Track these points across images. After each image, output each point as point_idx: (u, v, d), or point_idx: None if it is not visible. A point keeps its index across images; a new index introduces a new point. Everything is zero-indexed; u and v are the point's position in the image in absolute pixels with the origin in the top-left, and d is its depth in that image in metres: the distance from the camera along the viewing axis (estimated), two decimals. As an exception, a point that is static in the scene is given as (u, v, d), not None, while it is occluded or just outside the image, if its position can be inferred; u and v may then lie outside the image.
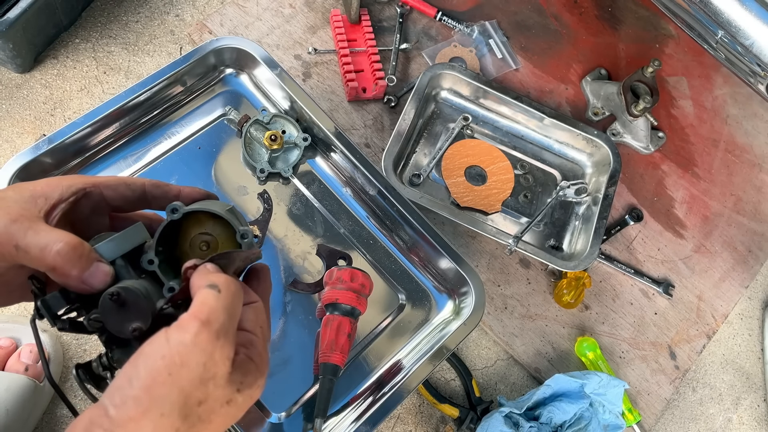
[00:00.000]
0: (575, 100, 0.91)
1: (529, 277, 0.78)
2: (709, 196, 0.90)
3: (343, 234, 0.69)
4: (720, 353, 0.87)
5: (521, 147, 0.84)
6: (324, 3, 0.87)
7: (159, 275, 0.38)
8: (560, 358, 0.76)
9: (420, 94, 0.78)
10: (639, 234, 0.85)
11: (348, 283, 0.61)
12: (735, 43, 0.67)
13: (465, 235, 0.78)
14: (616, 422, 0.67)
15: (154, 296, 0.36)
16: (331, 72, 0.82)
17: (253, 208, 0.68)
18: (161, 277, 0.38)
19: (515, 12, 0.94)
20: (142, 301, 0.35)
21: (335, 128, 0.68)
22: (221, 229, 0.42)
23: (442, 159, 0.79)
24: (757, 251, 0.89)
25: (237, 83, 0.73)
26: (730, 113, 0.97)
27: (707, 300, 0.84)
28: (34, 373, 0.59)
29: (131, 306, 0.34)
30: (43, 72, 0.77)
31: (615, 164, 0.81)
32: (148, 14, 0.83)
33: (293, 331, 0.64)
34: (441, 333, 0.65)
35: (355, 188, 0.71)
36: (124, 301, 0.34)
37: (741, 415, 0.84)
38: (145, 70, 0.80)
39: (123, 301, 0.34)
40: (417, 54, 0.87)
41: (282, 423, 0.60)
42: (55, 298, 0.35)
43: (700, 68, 0.98)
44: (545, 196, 0.81)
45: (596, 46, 0.95)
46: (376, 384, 0.63)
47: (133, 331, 0.34)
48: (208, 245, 0.41)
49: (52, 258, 0.33)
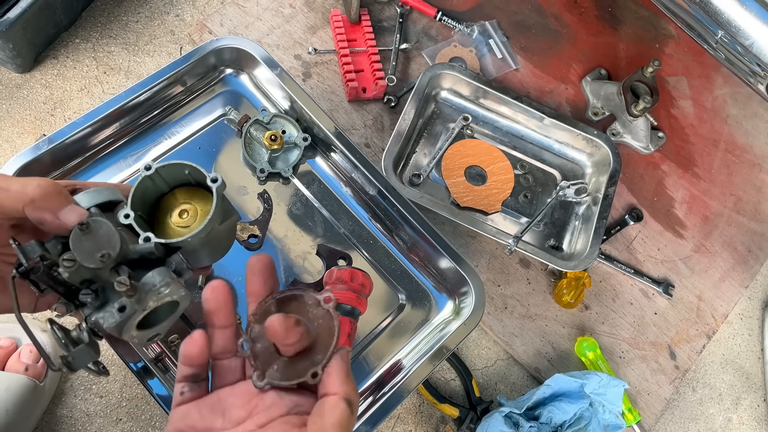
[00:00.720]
0: (575, 100, 0.91)
1: (529, 277, 0.78)
2: (709, 196, 0.90)
3: (343, 234, 0.69)
4: (720, 353, 0.87)
5: (521, 147, 0.84)
6: (324, 3, 0.87)
7: (135, 227, 0.39)
8: (560, 358, 0.76)
9: (420, 94, 0.78)
10: (639, 234, 0.85)
11: (348, 283, 0.61)
12: (735, 43, 0.67)
13: (465, 235, 0.78)
14: (616, 422, 0.67)
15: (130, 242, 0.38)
16: (331, 72, 0.82)
17: (253, 208, 0.68)
18: (137, 229, 0.39)
19: (515, 12, 0.94)
20: (111, 230, 0.36)
21: (335, 128, 0.68)
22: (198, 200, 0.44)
23: (442, 159, 0.79)
24: (757, 251, 0.89)
25: (237, 83, 0.73)
26: (730, 113, 0.97)
27: (707, 300, 0.84)
28: (34, 373, 0.59)
29: (101, 235, 0.36)
30: (43, 72, 0.77)
31: (615, 164, 0.81)
32: (148, 14, 0.83)
33: (293, 331, 0.64)
34: (441, 333, 0.65)
35: (355, 188, 0.71)
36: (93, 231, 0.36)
37: (741, 415, 0.84)
38: (145, 70, 0.80)
39: (92, 230, 0.36)
40: (417, 54, 0.87)
41: (282, 423, 0.60)
42: (32, 245, 0.36)
43: (700, 68, 0.98)
44: (545, 196, 0.81)
45: (596, 46, 0.95)
46: (376, 384, 0.63)
47: (102, 257, 0.35)
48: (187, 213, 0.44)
49: (32, 190, 0.35)
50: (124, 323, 0.37)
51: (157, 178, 0.42)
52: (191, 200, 0.45)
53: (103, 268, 0.36)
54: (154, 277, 0.38)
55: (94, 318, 0.37)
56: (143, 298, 0.37)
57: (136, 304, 0.37)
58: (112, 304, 0.36)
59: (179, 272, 0.40)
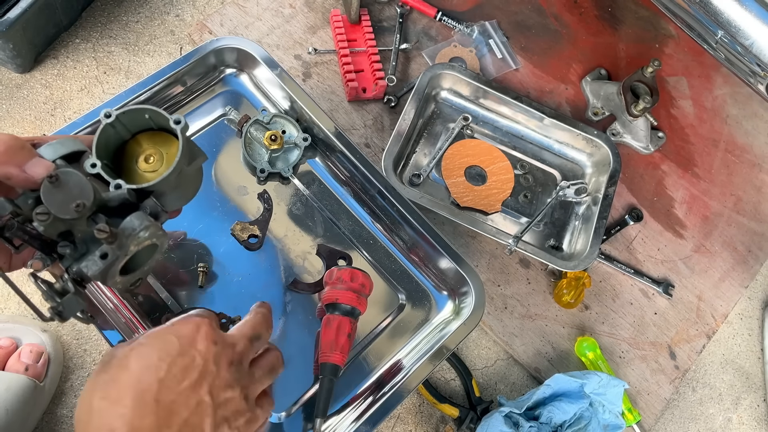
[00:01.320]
0: (575, 100, 0.91)
1: (529, 277, 0.78)
2: (709, 196, 0.90)
3: (343, 234, 0.69)
4: (720, 353, 0.87)
5: (521, 147, 0.84)
6: (324, 3, 0.87)
7: (103, 175, 0.39)
8: (560, 358, 0.76)
9: (420, 94, 0.78)
10: (639, 234, 0.85)
11: (348, 283, 0.61)
12: (735, 43, 0.67)
13: (465, 235, 0.78)
14: (615, 422, 0.67)
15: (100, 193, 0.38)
16: (331, 72, 0.82)
17: (253, 208, 0.68)
18: (106, 177, 0.39)
19: (515, 12, 0.94)
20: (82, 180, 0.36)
21: (335, 128, 0.68)
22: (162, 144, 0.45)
23: (442, 159, 0.79)
24: (757, 251, 0.89)
25: (237, 83, 0.73)
26: (730, 113, 0.97)
27: (707, 300, 0.84)
28: (34, 373, 0.59)
29: (72, 186, 0.36)
30: (43, 72, 0.77)
31: (615, 164, 0.81)
32: (148, 14, 0.83)
33: (293, 331, 0.64)
34: (441, 333, 0.65)
35: (355, 188, 0.71)
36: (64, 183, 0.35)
37: (741, 415, 0.84)
38: (145, 70, 0.80)
39: (62, 182, 0.35)
40: (417, 54, 0.87)
41: (282, 423, 0.60)
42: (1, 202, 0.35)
43: (700, 68, 0.98)
44: (545, 196, 0.81)
45: (596, 46, 0.95)
46: (376, 384, 0.63)
47: (77, 207, 0.35)
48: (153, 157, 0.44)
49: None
50: (107, 270, 0.37)
51: (118, 125, 0.42)
52: (155, 145, 0.45)
53: (79, 219, 0.36)
54: (132, 222, 0.38)
55: (76, 268, 0.37)
56: (124, 243, 0.37)
57: (117, 250, 0.37)
58: (94, 253, 0.36)
59: (155, 215, 0.40)
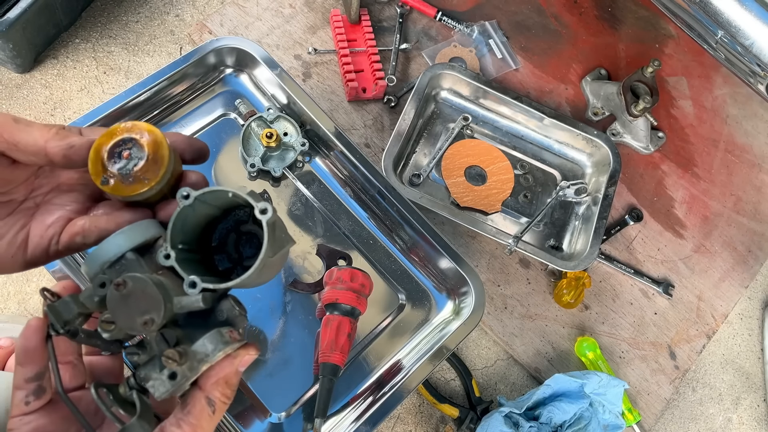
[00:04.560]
0: (575, 100, 0.91)
1: (529, 277, 0.78)
2: (709, 196, 0.90)
3: (343, 234, 0.69)
4: (720, 353, 0.87)
5: (521, 147, 0.84)
6: (324, 3, 0.87)
7: (177, 269, 0.34)
8: (560, 358, 0.76)
9: (420, 94, 0.78)
10: (639, 234, 0.85)
11: (348, 283, 0.61)
12: (735, 43, 0.67)
13: (465, 235, 0.78)
14: (616, 422, 0.67)
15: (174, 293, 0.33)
16: (331, 72, 0.82)
17: (253, 208, 0.68)
18: (180, 272, 0.34)
19: (515, 12, 0.94)
20: (152, 289, 0.32)
21: (335, 128, 0.68)
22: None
23: (442, 159, 0.79)
24: (757, 251, 0.89)
25: (237, 83, 0.73)
26: (730, 113, 0.97)
27: (707, 300, 0.84)
28: (34, 373, 0.58)
29: (140, 296, 0.32)
30: (43, 72, 0.77)
31: (615, 164, 0.81)
32: (148, 14, 0.83)
33: (293, 331, 0.64)
34: (441, 333, 0.65)
35: (355, 188, 0.71)
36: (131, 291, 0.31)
37: (741, 415, 0.84)
38: (145, 70, 0.80)
39: (130, 290, 0.31)
40: (417, 54, 0.87)
41: (282, 423, 0.60)
42: (65, 303, 0.32)
43: (700, 68, 0.98)
44: (545, 196, 0.81)
45: (596, 46, 0.95)
46: (376, 384, 0.63)
47: (144, 324, 0.31)
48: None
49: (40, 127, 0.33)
50: (176, 391, 0.33)
51: (198, 205, 0.36)
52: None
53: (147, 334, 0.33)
54: (205, 346, 0.33)
55: (144, 374, 0.33)
56: (195, 366, 0.33)
57: (188, 371, 0.33)
58: (162, 371, 0.33)
59: (231, 322, 0.35)
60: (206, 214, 0.38)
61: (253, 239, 0.40)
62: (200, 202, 0.35)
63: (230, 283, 0.34)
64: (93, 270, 0.34)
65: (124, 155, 0.35)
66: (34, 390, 0.34)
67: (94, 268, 0.34)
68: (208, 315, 0.35)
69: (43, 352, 0.34)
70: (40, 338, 0.34)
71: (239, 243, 0.40)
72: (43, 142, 0.33)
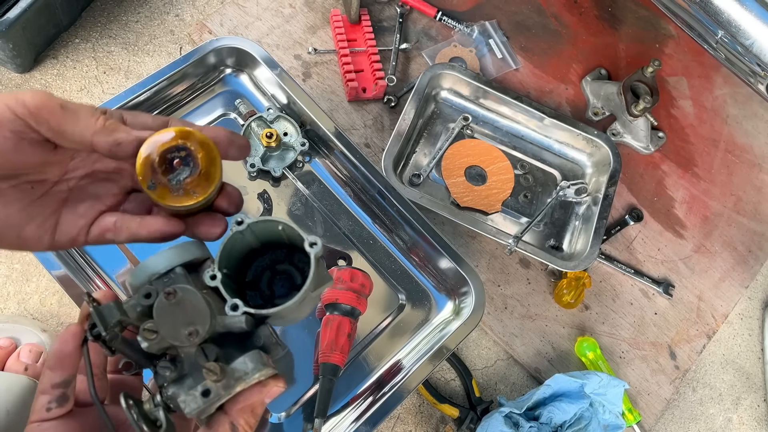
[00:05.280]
0: (575, 100, 0.91)
1: (529, 277, 0.78)
2: (709, 196, 0.90)
3: (343, 234, 0.69)
4: (720, 353, 0.86)
5: (521, 147, 0.84)
6: (324, 3, 0.87)
7: (222, 291, 0.34)
8: (560, 358, 0.76)
9: (420, 94, 0.78)
10: (639, 234, 0.85)
11: (348, 283, 0.61)
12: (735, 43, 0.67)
13: (465, 235, 0.78)
14: (616, 422, 0.66)
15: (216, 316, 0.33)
16: (331, 72, 0.82)
17: (253, 208, 0.68)
18: (224, 293, 0.34)
19: (515, 12, 0.94)
20: (201, 303, 0.32)
21: (335, 128, 0.68)
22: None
23: (442, 159, 0.79)
24: (757, 251, 0.89)
25: (237, 83, 0.73)
26: (730, 113, 0.97)
27: (707, 300, 0.84)
28: (34, 372, 0.58)
29: (188, 306, 0.32)
30: (43, 72, 0.77)
31: (615, 164, 0.81)
32: (148, 14, 0.83)
33: (293, 331, 0.64)
34: (441, 333, 0.65)
35: (355, 188, 0.71)
36: (180, 301, 0.32)
37: (741, 415, 0.84)
38: (145, 70, 0.80)
39: (179, 300, 0.32)
40: (417, 54, 0.87)
41: (282, 423, 0.60)
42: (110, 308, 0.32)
43: (700, 68, 0.98)
44: (545, 196, 0.81)
45: (596, 46, 0.95)
46: (376, 384, 0.63)
47: (189, 335, 0.31)
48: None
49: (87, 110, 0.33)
50: (207, 410, 0.33)
51: (248, 233, 0.37)
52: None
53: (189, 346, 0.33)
54: (245, 365, 0.33)
55: (171, 392, 0.32)
56: (231, 384, 0.32)
57: (222, 389, 0.32)
58: (195, 387, 0.32)
59: (267, 349, 0.35)
60: (248, 244, 0.38)
61: (286, 280, 0.40)
62: (249, 230, 0.36)
63: (272, 309, 0.34)
64: (140, 280, 0.34)
65: (175, 163, 0.34)
66: (58, 396, 0.33)
67: (142, 278, 0.34)
68: (245, 339, 0.35)
69: (75, 359, 0.33)
70: (77, 344, 0.33)
71: (273, 281, 0.40)
72: (90, 134, 0.32)
